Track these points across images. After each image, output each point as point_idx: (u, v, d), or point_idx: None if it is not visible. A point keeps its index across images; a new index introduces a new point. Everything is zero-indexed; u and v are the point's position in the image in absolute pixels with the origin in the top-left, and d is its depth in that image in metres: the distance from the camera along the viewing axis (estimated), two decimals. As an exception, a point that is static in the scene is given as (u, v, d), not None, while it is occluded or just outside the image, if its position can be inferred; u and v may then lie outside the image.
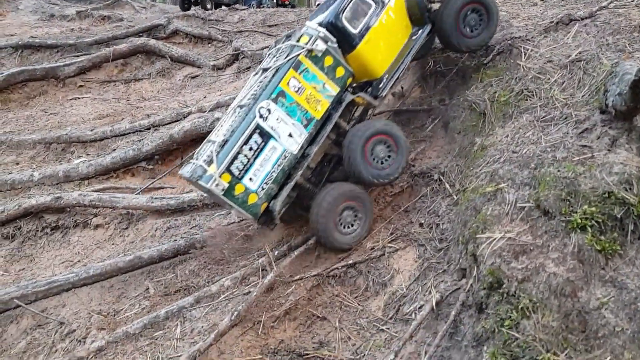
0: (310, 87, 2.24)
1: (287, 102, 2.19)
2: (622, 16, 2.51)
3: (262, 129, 2.15)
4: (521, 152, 2.04)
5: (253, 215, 2.20)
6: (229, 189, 2.11)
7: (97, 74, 6.37)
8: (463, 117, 2.61)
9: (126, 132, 4.07)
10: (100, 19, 9.04)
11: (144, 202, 3.22)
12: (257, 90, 2.22)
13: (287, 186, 2.24)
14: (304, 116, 2.23)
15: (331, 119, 2.30)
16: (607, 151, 1.79)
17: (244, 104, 2.23)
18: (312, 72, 2.23)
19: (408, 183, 2.64)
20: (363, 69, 2.38)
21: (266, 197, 2.20)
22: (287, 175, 2.24)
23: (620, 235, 1.63)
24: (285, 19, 6.58)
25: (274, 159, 2.20)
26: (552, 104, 2.20)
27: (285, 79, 2.18)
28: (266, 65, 2.37)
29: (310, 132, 2.26)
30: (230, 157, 2.10)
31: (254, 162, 2.16)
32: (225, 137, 2.13)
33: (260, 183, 2.17)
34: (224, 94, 4.76)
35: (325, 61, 2.25)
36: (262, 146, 2.17)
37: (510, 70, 2.55)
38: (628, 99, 1.66)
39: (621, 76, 1.76)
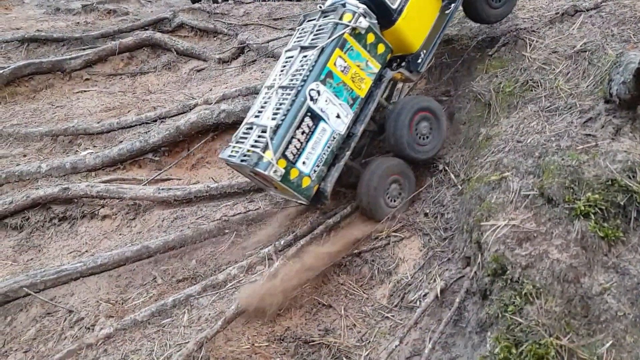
0: (355, 65, 2.24)
1: (334, 82, 2.19)
2: (627, 7, 2.51)
3: (312, 111, 2.15)
4: (526, 141, 2.06)
5: (306, 198, 2.24)
6: (285, 174, 2.12)
7: (103, 67, 6.40)
8: (468, 108, 2.63)
9: (133, 124, 4.11)
10: (106, 13, 9.05)
11: (150, 193, 3.25)
12: (302, 71, 2.20)
13: (336, 166, 2.28)
14: (349, 96, 2.24)
15: (373, 97, 2.32)
16: (611, 140, 1.81)
17: (287, 85, 2.22)
18: (357, 51, 2.23)
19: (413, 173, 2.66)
20: (400, 44, 2.41)
21: (317, 180, 2.24)
22: (335, 155, 2.26)
23: (623, 222, 1.64)
24: (291, 12, 6.58)
25: (324, 141, 2.21)
26: (557, 94, 2.21)
27: (332, 59, 2.17)
28: (305, 43, 2.33)
29: (355, 111, 2.28)
30: (285, 142, 2.10)
31: (306, 145, 2.17)
32: (277, 122, 2.12)
33: (312, 166, 2.20)
34: (229, 86, 4.78)
35: (368, 38, 2.25)
36: (313, 129, 2.17)
37: (515, 61, 2.56)
38: (632, 87, 1.68)
39: (625, 65, 1.77)
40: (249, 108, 3.57)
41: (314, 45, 2.24)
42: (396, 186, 2.43)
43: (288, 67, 2.34)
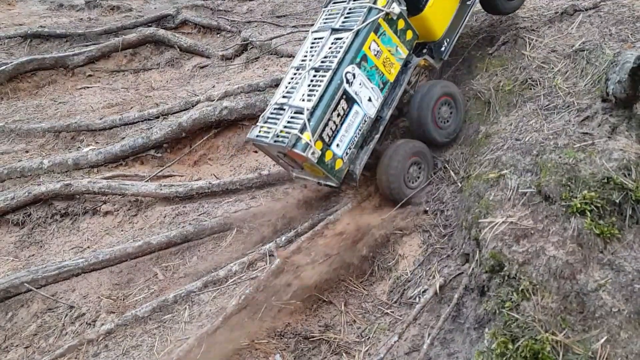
0: (386, 50, 2.28)
1: (368, 66, 2.23)
2: (625, 7, 2.53)
3: (347, 94, 2.18)
4: (524, 139, 2.08)
5: (338, 179, 2.27)
6: (321, 156, 2.15)
7: (106, 64, 6.43)
8: (468, 106, 2.64)
9: (135, 121, 4.13)
10: (109, 9, 9.07)
11: (152, 189, 3.28)
12: (336, 53, 2.21)
13: (365, 149, 2.32)
14: (380, 80, 2.28)
15: (400, 82, 2.37)
16: (608, 138, 1.83)
17: (320, 67, 2.24)
18: (388, 36, 2.27)
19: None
20: (425, 31, 2.47)
21: (349, 162, 2.27)
22: (364, 138, 2.31)
23: (619, 220, 1.67)
24: (294, 9, 6.59)
25: (357, 124, 2.25)
26: (555, 93, 2.23)
27: (367, 43, 2.20)
28: (336, 25, 2.34)
29: (384, 95, 2.32)
30: (322, 124, 2.13)
31: (341, 127, 2.20)
32: (313, 103, 2.13)
33: (345, 148, 2.24)
34: (232, 83, 4.80)
35: (399, 24, 2.29)
36: (347, 111, 2.21)
37: (515, 59, 2.57)
38: (627, 86, 1.70)
39: (622, 65, 1.79)
40: (251, 105, 3.62)
41: (347, 28, 2.27)
42: (416, 168, 2.49)
43: (319, 49, 2.35)
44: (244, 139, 3.72)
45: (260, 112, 3.55)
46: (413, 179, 2.48)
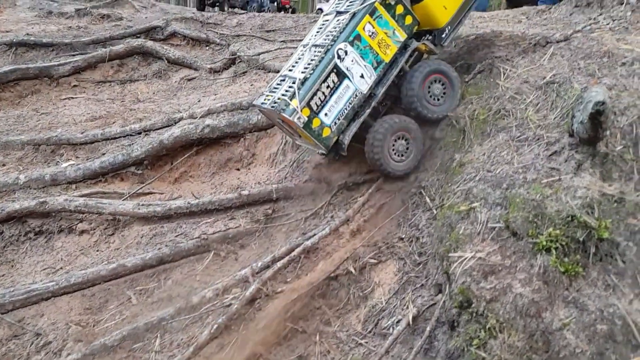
0: (382, 32, 2.46)
1: (361, 45, 2.43)
2: (594, 40, 2.58)
3: (339, 68, 2.38)
4: (495, 171, 2.11)
5: (326, 147, 2.48)
6: (308, 122, 2.36)
7: (92, 74, 6.39)
8: (444, 133, 2.67)
9: (117, 136, 4.10)
10: (99, 18, 9.03)
11: (130, 208, 3.25)
12: (334, 32, 2.43)
13: (356, 122, 2.50)
14: (374, 59, 2.46)
15: (397, 63, 2.54)
16: (573, 174, 1.86)
17: (319, 44, 2.46)
18: (385, 19, 2.45)
19: (390, 196, 2.69)
20: (428, 18, 2.61)
21: (337, 132, 2.47)
22: (355, 112, 2.49)
23: (583, 258, 1.69)
24: (284, 24, 6.63)
25: (347, 97, 2.44)
26: (527, 125, 2.26)
27: (361, 24, 2.40)
28: (340, 8, 2.57)
29: (378, 74, 2.50)
30: (311, 93, 2.34)
31: (330, 99, 2.41)
32: (305, 74, 2.36)
33: (333, 118, 2.43)
34: (218, 98, 4.80)
35: (397, 9, 2.48)
36: (338, 85, 2.41)
37: (490, 89, 2.61)
38: (588, 128, 1.73)
39: (585, 104, 1.83)
40: (234, 123, 3.63)
41: (347, 10, 2.49)
42: (402, 142, 2.59)
43: (324, 29, 2.59)
44: (226, 156, 3.72)
45: (243, 131, 3.58)
46: (399, 152, 2.59)
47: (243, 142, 3.61)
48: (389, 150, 2.56)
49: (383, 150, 2.53)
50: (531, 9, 4.28)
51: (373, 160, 2.57)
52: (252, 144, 3.60)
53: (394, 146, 2.57)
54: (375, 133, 2.52)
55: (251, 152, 3.59)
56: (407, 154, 2.61)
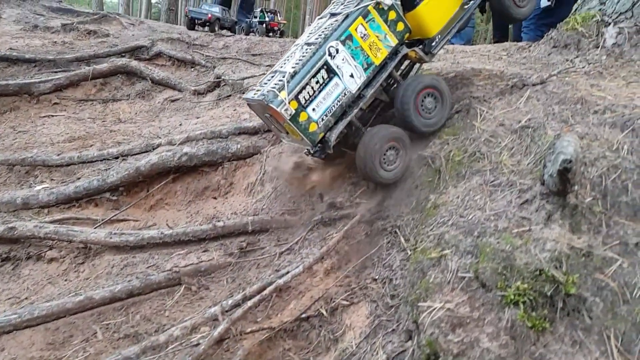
0: (374, 35, 2.52)
1: (353, 45, 2.48)
2: (569, 85, 2.63)
3: (329, 65, 2.42)
4: (468, 217, 2.10)
5: (312, 142, 2.48)
6: (295, 115, 2.37)
7: (74, 92, 6.32)
8: (420, 172, 2.68)
9: (94, 160, 4.03)
10: (86, 34, 8.99)
11: (102, 237, 3.17)
12: (326, 32, 2.47)
13: (343, 121, 2.53)
14: (365, 60, 2.51)
15: (387, 67, 2.60)
16: (543, 225, 1.85)
17: (312, 42, 2.49)
18: (377, 23, 2.52)
19: (366, 234, 2.67)
20: (419, 27, 2.68)
21: (324, 128, 2.48)
22: (343, 111, 2.52)
23: (550, 312, 1.67)
24: (270, 49, 6.68)
25: (336, 94, 2.47)
26: (501, 169, 2.27)
27: (354, 25, 2.46)
28: (335, 10, 2.64)
29: (368, 75, 2.54)
30: (299, 87, 2.36)
31: (319, 94, 2.43)
32: (295, 69, 2.38)
33: (321, 114, 2.45)
34: (200, 122, 4.78)
35: (390, 15, 2.54)
36: (327, 81, 2.43)
37: (466, 130, 2.63)
38: (557, 183, 1.74)
39: (556, 155, 1.84)
40: (212, 152, 3.59)
41: (341, 12, 2.56)
42: (393, 152, 2.64)
43: (316, 29, 2.64)
44: (204, 185, 3.68)
45: (222, 159, 3.55)
46: (390, 162, 2.64)
47: (221, 171, 3.57)
48: (380, 159, 2.61)
49: (374, 159, 2.58)
50: (512, 45, 4.38)
51: (364, 168, 2.61)
52: (230, 172, 3.56)
53: (384, 156, 2.62)
54: (368, 141, 2.57)
55: (229, 181, 3.55)
56: (396, 165, 2.67)
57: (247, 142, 3.57)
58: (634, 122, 2.11)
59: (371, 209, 2.75)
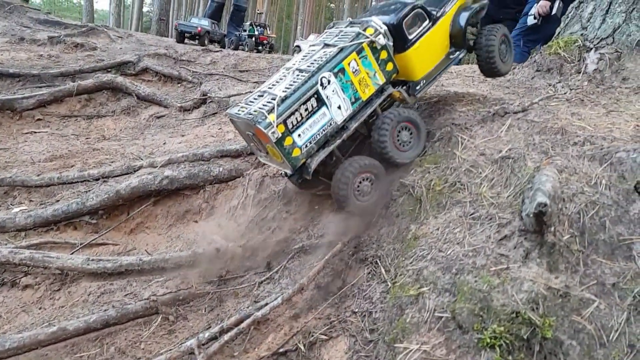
0: (365, 72, 2.59)
1: (344, 78, 2.54)
2: (550, 113, 2.63)
3: (320, 95, 2.47)
4: (447, 252, 2.07)
5: (293, 166, 2.51)
6: (280, 138, 2.39)
7: (58, 108, 6.25)
8: (401, 200, 2.65)
9: (74, 181, 3.96)
10: (73, 47, 8.93)
11: (79, 263, 3.09)
12: (320, 62, 2.53)
13: (325, 149, 2.57)
14: (353, 94, 2.58)
15: (372, 103, 2.67)
16: (521, 263, 1.83)
17: (304, 69, 2.54)
18: (369, 60, 2.59)
19: (346, 264, 2.63)
20: (406, 69, 2.77)
21: (307, 154, 2.52)
22: (326, 140, 2.57)
23: (527, 356, 1.64)
24: (257, 65, 6.67)
25: (322, 123, 2.52)
26: (481, 201, 2.25)
27: (347, 60, 2.52)
28: (328, 41, 2.69)
29: (354, 109, 2.61)
30: (289, 112, 2.39)
31: (306, 121, 2.47)
32: (286, 93, 2.42)
33: (305, 141, 2.49)
34: (184, 141, 4.73)
35: (381, 54, 2.62)
36: (316, 110, 2.48)
37: (447, 159, 2.61)
38: (533, 224, 1.72)
39: (534, 191, 1.82)
40: (193, 175, 3.54)
41: (335, 44, 2.61)
42: (367, 183, 2.68)
43: (309, 57, 2.68)
44: (185, 208, 3.62)
45: (203, 183, 3.49)
46: (364, 193, 2.68)
47: (202, 194, 3.52)
48: (354, 190, 2.65)
49: (348, 190, 2.62)
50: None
51: (338, 198, 2.64)
52: (211, 196, 3.51)
53: (358, 187, 2.65)
54: (343, 171, 2.61)
55: (210, 204, 3.49)
56: (371, 195, 2.70)
57: (230, 165, 3.53)
58: (612, 156, 2.11)
59: (353, 237, 2.70)
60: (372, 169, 2.67)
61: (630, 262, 1.77)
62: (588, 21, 3.63)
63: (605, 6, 3.50)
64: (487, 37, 2.93)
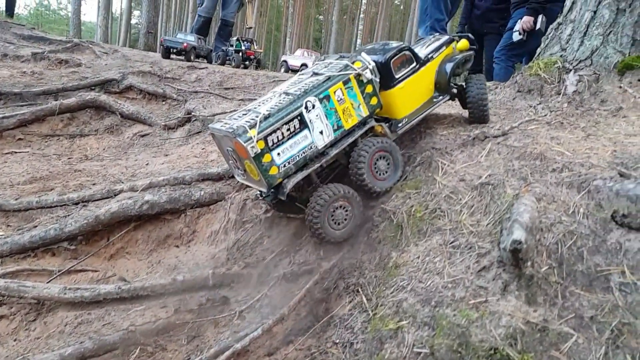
0: (349, 102, 2.64)
1: (329, 105, 2.58)
2: (530, 137, 2.64)
3: (303, 117, 2.50)
4: (426, 283, 2.05)
5: (269, 184, 2.49)
6: (259, 154, 2.39)
7: (40, 127, 6.16)
8: (383, 226, 2.63)
9: (53, 205, 3.88)
10: (57, 63, 8.84)
11: (55, 292, 3.01)
12: (306, 87, 2.58)
13: (302, 172, 2.57)
14: (336, 122, 2.62)
15: (353, 133, 2.71)
16: (500, 296, 1.81)
17: (290, 93, 2.58)
18: (354, 92, 2.65)
19: (328, 293, 2.59)
20: (389, 107, 2.84)
21: (284, 174, 2.51)
22: (305, 163, 2.57)
23: (507, 395, 1.61)
24: (243, 82, 6.65)
25: (302, 145, 2.53)
26: (460, 229, 2.24)
27: (333, 88, 2.58)
28: (318, 70, 2.76)
29: (336, 136, 2.64)
30: (270, 129, 2.40)
31: (287, 141, 2.48)
32: (270, 112, 2.45)
33: (284, 160, 2.48)
34: (167, 162, 4.68)
35: (367, 88, 2.68)
36: (298, 131, 2.50)
37: (428, 184, 2.60)
38: (510, 259, 1.71)
39: (512, 222, 1.81)
40: (174, 199, 3.49)
41: (323, 73, 2.68)
42: (342, 211, 2.66)
43: (297, 82, 2.75)
44: (166, 233, 3.56)
45: (184, 207, 3.44)
46: (338, 221, 2.66)
47: (184, 218, 3.47)
48: (329, 218, 2.63)
49: (323, 218, 2.60)
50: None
51: (312, 226, 2.62)
52: (193, 220, 3.46)
53: (333, 215, 2.64)
54: (317, 199, 2.60)
55: (192, 229, 3.44)
56: (345, 223, 2.69)
57: (211, 188, 3.49)
58: (589, 184, 2.11)
59: (335, 264, 2.67)
60: (347, 197, 2.66)
61: (608, 293, 1.76)
62: (567, 42, 3.69)
63: (583, 28, 3.55)
64: (478, 86, 3.03)
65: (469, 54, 3.13)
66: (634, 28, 3.28)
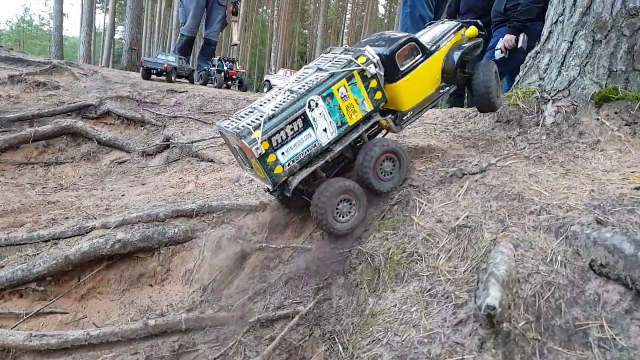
0: (353, 98, 2.62)
1: (332, 103, 2.57)
2: (508, 175, 2.61)
3: (306, 116, 2.50)
4: (402, 337, 1.97)
5: (274, 183, 2.53)
6: (264, 155, 2.40)
7: (14, 155, 6.00)
8: (360, 269, 2.56)
9: (22, 242, 3.72)
10: (34, 86, 8.68)
11: (20, 340, 2.86)
12: (310, 85, 2.56)
13: (307, 169, 2.57)
14: (340, 119, 2.60)
15: (358, 129, 2.69)
16: (477, 353, 1.74)
17: (294, 90, 2.59)
18: (358, 87, 2.63)
19: (304, 340, 2.50)
20: (395, 99, 2.80)
21: (289, 172, 2.51)
22: (309, 160, 2.56)
23: None
24: (223, 106, 6.57)
25: (306, 144, 2.53)
26: (437, 276, 2.18)
27: (337, 85, 2.57)
28: (322, 66, 2.74)
29: (340, 133, 2.62)
30: (274, 130, 2.42)
31: (291, 141, 2.49)
32: (274, 112, 2.45)
33: (288, 159, 2.49)
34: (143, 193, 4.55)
35: (371, 83, 2.65)
36: (301, 130, 2.50)
37: (405, 225, 2.55)
38: (485, 320, 1.65)
39: (488, 275, 1.76)
40: (148, 237, 3.38)
41: (327, 69, 2.65)
42: (346, 204, 2.67)
43: (301, 79, 2.71)
44: (139, 272, 3.44)
45: (158, 245, 3.33)
46: (343, 214, 2.67)
47: (157, 257, 3.35)
48: (333, 211, 2.63)
49: (327, 210, 2.60)
50: (460, 112, 4.42)
51: (317, 219, 2.62)
52: (167, 258, 3.34)
53: (337, 208, 2.65)
54: (322, 193, 2.59)
55: (165, 267, 3.32)
56: (351, 216, 2.70)
57: (185, 225, 3.38)
58: (567, 229, 2.07)
59: (312, 309, 2.58)
60: (351, 190, 2.66)
61: (587, 350, 1.70)
62: (545, 72, 3.69)
63: (560, 58, 3.56)
64: (484, 73, 2.98)
65: (478, 41, 3.06)
66: (610, 59, 3.30)
